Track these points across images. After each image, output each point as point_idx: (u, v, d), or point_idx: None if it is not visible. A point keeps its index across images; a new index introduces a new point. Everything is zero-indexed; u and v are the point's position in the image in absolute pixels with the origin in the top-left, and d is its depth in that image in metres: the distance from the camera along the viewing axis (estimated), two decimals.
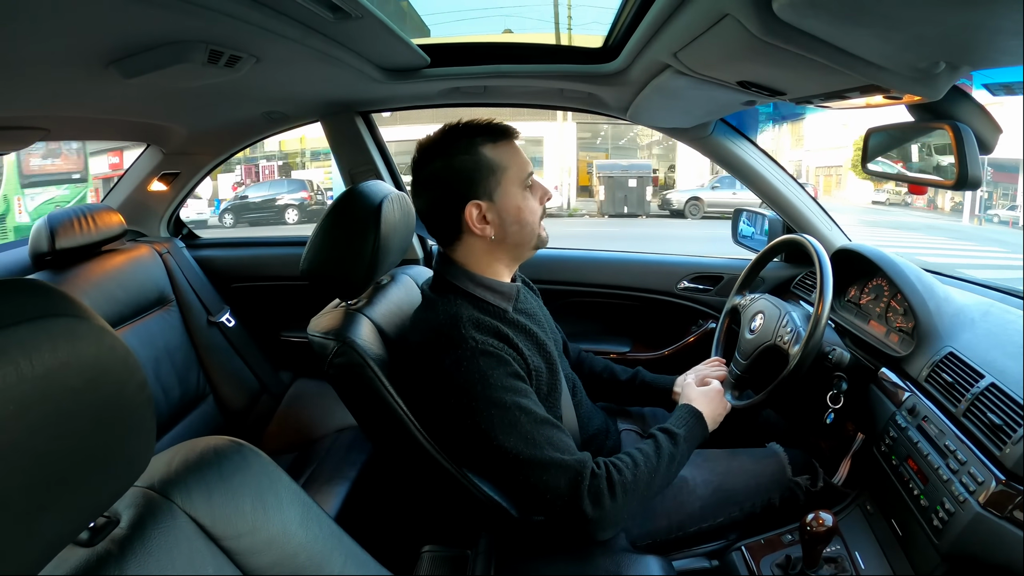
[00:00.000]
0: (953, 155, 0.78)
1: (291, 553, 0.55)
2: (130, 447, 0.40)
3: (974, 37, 0.58)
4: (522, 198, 0.89)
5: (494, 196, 0.88)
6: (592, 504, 0.78)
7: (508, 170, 0.88)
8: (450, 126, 0.89)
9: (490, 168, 0.87)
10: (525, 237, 0.91)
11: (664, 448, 0.88)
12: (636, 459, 0.85)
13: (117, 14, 0.70)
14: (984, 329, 0.95)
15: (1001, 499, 0.71)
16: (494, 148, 0.88)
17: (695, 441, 0.94)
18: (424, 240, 1.74)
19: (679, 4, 0.71)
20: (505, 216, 0.89)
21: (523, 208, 0.90)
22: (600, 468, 0.81)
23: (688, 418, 0.95)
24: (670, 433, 0.91)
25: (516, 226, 0.90)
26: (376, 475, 1.36)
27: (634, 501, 0.82)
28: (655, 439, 0.90)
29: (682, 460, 0.90)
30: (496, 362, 0.82)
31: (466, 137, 0.88)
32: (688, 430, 0.93)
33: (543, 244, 0.95)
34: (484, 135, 0.88)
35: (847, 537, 0.92)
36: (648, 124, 1.50)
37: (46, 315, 0.34)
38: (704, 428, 0.96)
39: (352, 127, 1.59)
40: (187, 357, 1.56)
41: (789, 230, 1.48)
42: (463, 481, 0.90)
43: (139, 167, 1.74)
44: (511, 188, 0.88)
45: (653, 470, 0.85)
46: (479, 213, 0.88)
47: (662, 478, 0.86)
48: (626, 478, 0.81)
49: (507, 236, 0.90)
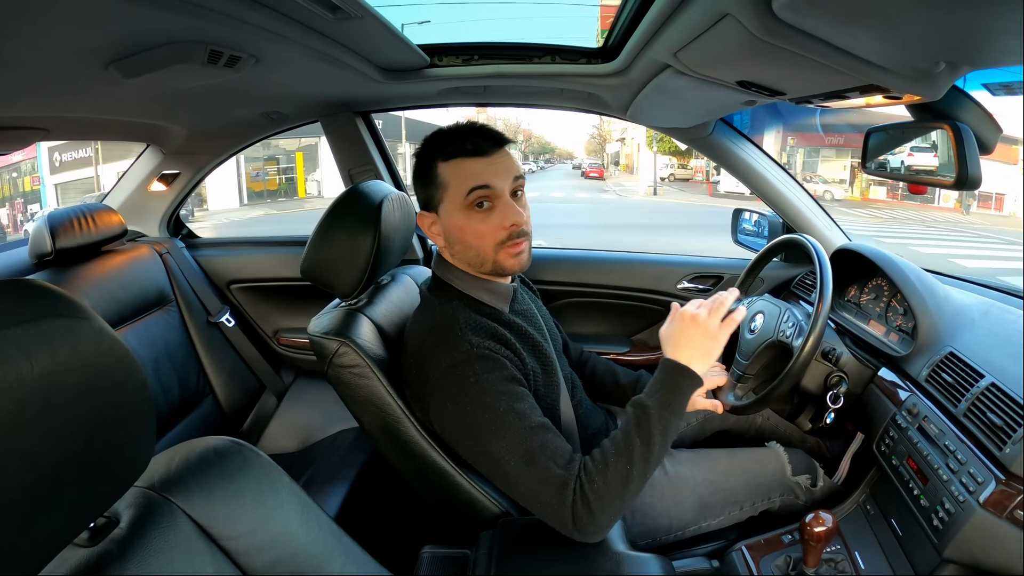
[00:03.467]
0: (953, 155, 0.79)
1: (291, 553, 0.55)
2: (130, 447, 0.40)
3: (974, 37, 0.58)
4: (464, 218, 0.85)
5: (439, 211, 0.88)
6: (573, 515, 0.75)
7: (449, 188, 0.85)
8: (434, 131, 0.88)
9: (435, 183, 0.86)
10: (472, 259, 0.87)
11: (632, 432, 0.77)
12: (607, 455, 0.76)
13: (117, 14, 0.70)
14: (984, 329, 0.95)
15: (1001, 499, 0.71)
16: (445, 163, 0.85)
17: (678, 398, 0.79)
18: (424, 240, 1.74)
19: (679, 4, 0.71)
20: (448, 234, 0.88)
21: (465, 229, 0.85)
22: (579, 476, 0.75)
23: (660, 378, 0.81)
24: (640, 407, 0.78)
25: (460, 245, 0.87)
26: (376, 475, 1.36)
27: (615, 502, 0.75)
28: (625, 423, 0.79)
29: (664, 431, 0.77)
30: (492, 366, 0.81)
31: (428, 146, 0.87)
32: (663, 395, 0.79)
33: (506, 272, 0.88)
34: (445, 146, 0.86)
35: (847, 537, 0.92)
36: (648, 124, 1.50)
37: (46, 315, 0.34)
38: (685, 375, 0.80)
39: (352, 127, 1.59)
40: (187, 357, 1.56)
41: (789, 230, 1.48)
42: (463, 481, 0.90)
43: (139, 167, 1.74)
44: (451, 207, 0.85)
45: (626, 460, 0.75)
46: (429, 223, 0.89)
47: (641, 464, 0.75)
48: (597, 485, 0.74)
49: (455, 253, 0.89)
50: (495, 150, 0.85)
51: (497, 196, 0.85)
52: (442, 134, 0.87)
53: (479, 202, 0.84)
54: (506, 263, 0.87)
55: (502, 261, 0.87)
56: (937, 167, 0.84)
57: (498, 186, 0.84)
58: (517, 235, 0.86)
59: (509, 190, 0.85)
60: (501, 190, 0.85)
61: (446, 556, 0.87)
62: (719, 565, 0.96)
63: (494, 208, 0.85)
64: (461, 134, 0.85)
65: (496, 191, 0.84)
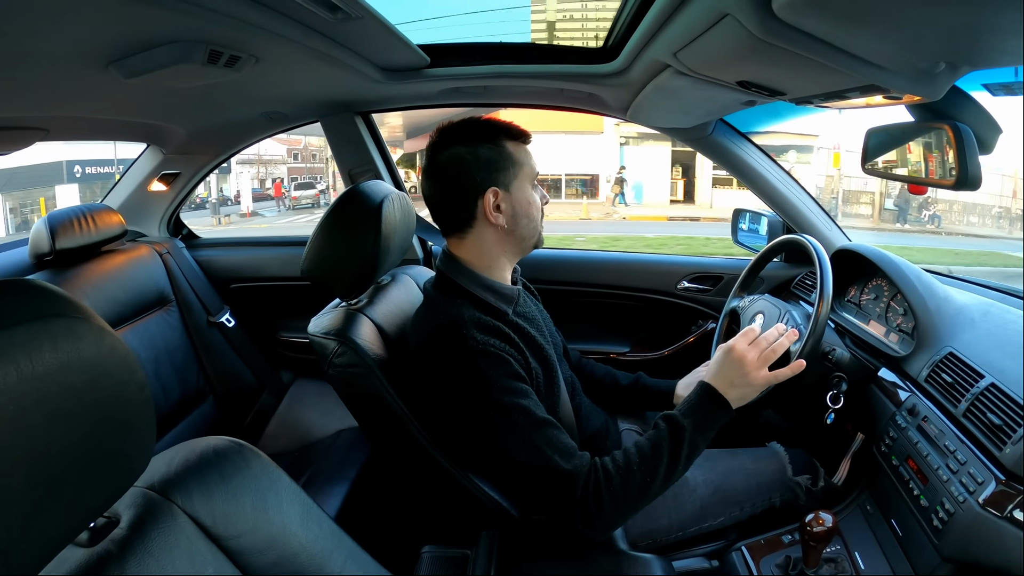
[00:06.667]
0: (953, 155, 0.78)
1: (291, 553, 0.55)
2: (130, 447, 0.40)
3: (974, 37, 0.58)
4: (531, 194, 0.95)
5: (511, 187, 0.92)
6: (582, 512, 0.77)
7: (524, 167, 0.93)
8: (473, 117, 0.94)
9: (510, 161, 0.92)
10: (530, 231, 0.96)
11: (664, 448, 0.80)
12: (631, 462, 0.78)
13: (117, 14, 0.70)
14: (984, 329, 0.95)
15: (1001, 499, 0.71)
16: (513, 144, 0.93)
17: (710, 425, 0.83)
18: (424, 240, 1.74)
19: (679, 4, 0.71)
20: (517, 208, 0.93)
21: (532, 204, 0.95)
22: (594, 473, 0.78)
23: (698, 401, 0.84)
24: (675, 426, 0.81)
25: (525, 219, 0.94)
26: (376, 475, 1.36)
27: (627, 508, 0.78)
28: (656, 435, 0.82)
29: (690, 454, 0.80)
30: (497, 363, 0.82)
31: (494, 129, 0.93)
32: (697, 419, 0.82)
33: (542, 243, 0.99)
34: (506, 131, 0.94)
35: (847, 537, 0.92)
36: (648, 124, 1.50)
37: (46, 315, 0.34)
38: (722, 406, 0.83)
39: (352, 127, 1.59)
40: (187, 357, 1.56)
41: (789, 230, 1.48)
42: (463, 481, 0.90)
43: (139, 167, 1.74)
44: (524, 184, 0.94)
45: (649, 473, 0.78)
46: (495, 201, 0.91)
47: (662, 479, 0.79)
48: (615, 488, 0.77)
49: (516, 227, 0.94)
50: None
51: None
52: (500, 122, 0.95)
53: (535, 183, 0.97)
54: (542, 235, 0.99)
55: (542, 232, 0.99)
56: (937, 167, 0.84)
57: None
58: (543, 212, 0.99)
59: None
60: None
61: (446, 556, 0.87)
62: (719, 565, 0.96)
63: (537, 188, 0.97)
64: (513, 125, 0.95)
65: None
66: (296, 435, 1.66)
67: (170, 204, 1.83)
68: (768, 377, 0.86)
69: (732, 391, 0.84)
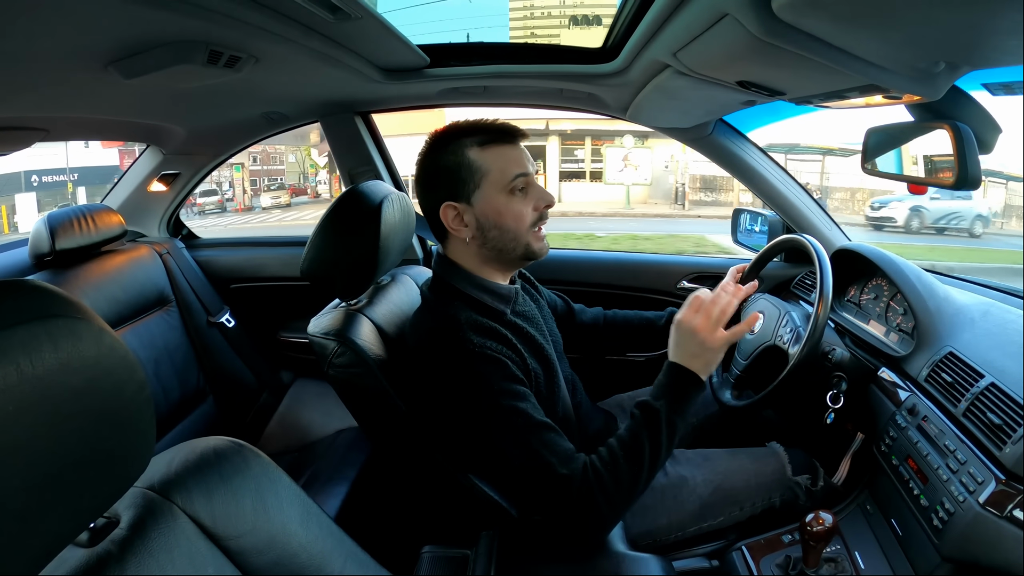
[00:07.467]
0: (952, 155, 0.78)
1: (291, 553, 0.55)
2: (130, 447, 0.40)
3: (974, 37, 0.58)
4: (504, 202, 0.88)
5: (472, 199, 0.88)
6: (579, 515, 0.76)
7: (489, 173, 0.87)
8: (450, 124, 0.90)
9: (470, 170, 0.87)
10: (507, 243, 0.89)
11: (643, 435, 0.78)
12: (616, 456, 0.77)
13: (117, 14, 0.70)
14: (984, 329, 0.94)
15: (1001, 499, 0.71)
16: (481, 150, 0.87)
17: (684, 401, 0.81)
18: (424, 240, 1.74)
19: (679, 4, 0.71)
20: (483, 220, 0.88)
21: (504, 212, 0.88)
22: (586, 475, 0.77)
23: (666, 382, 0.82)
24: (648, 411, 0.80)
25: (495, 231, 0.88)
26: (376, 475, 1.36)
27: (621, 503, 0.77)
28: (633, 424, 0.80)
29: (671, 434, 0.79)
30: (494, 366, 0.82)
31: (455, 137, 0.88)
32: (670, 399, 0.80)
33: (535, 255, 0.91)
34: (474, 136, 0.88)
35: (847, 537, 0.92)
36: (648, 124, 1.50)
37: (46, 316, 0.34)
38: (691, 380, 0.81)
39: (352, 127, 1.59)
40: (187, 357, 1.56)
41: (789, 230, 1.48)
42: (463, 481, 0.90)
43: (139, 167, 1.74)
44: (490, 192, 0.87)
45: (635, 462, 0.77)
46: (455, 215, 0.88)
47: (648, 467, 0.77)
48: (607, 486, 0.76)
49: (486, 240, 0.89)
50: (520, 139, 0.90)
51: (530, 181, 0.90)
52: (468, 125, 0.89)
53: (521, 186, 0.89)
54: (535, 246, 0.91)
55: (532, 244, 0.91)
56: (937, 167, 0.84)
57: (530, 171, 0.90)
58: (542, 217, 0.91)
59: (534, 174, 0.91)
60: (532, 175, 0.90)
61: (446, 556, 0.87)
62: (719, 565, 0.95)
63: (528, 192, 0.90)
64: (490, 124, 0.89)
65: (530, 176, 0.90)
66: (296, 435, 1.66)
67: (170, 204, 1.83)
68: (725, 336, 0.83)
69: (695, 361, 0.82)
